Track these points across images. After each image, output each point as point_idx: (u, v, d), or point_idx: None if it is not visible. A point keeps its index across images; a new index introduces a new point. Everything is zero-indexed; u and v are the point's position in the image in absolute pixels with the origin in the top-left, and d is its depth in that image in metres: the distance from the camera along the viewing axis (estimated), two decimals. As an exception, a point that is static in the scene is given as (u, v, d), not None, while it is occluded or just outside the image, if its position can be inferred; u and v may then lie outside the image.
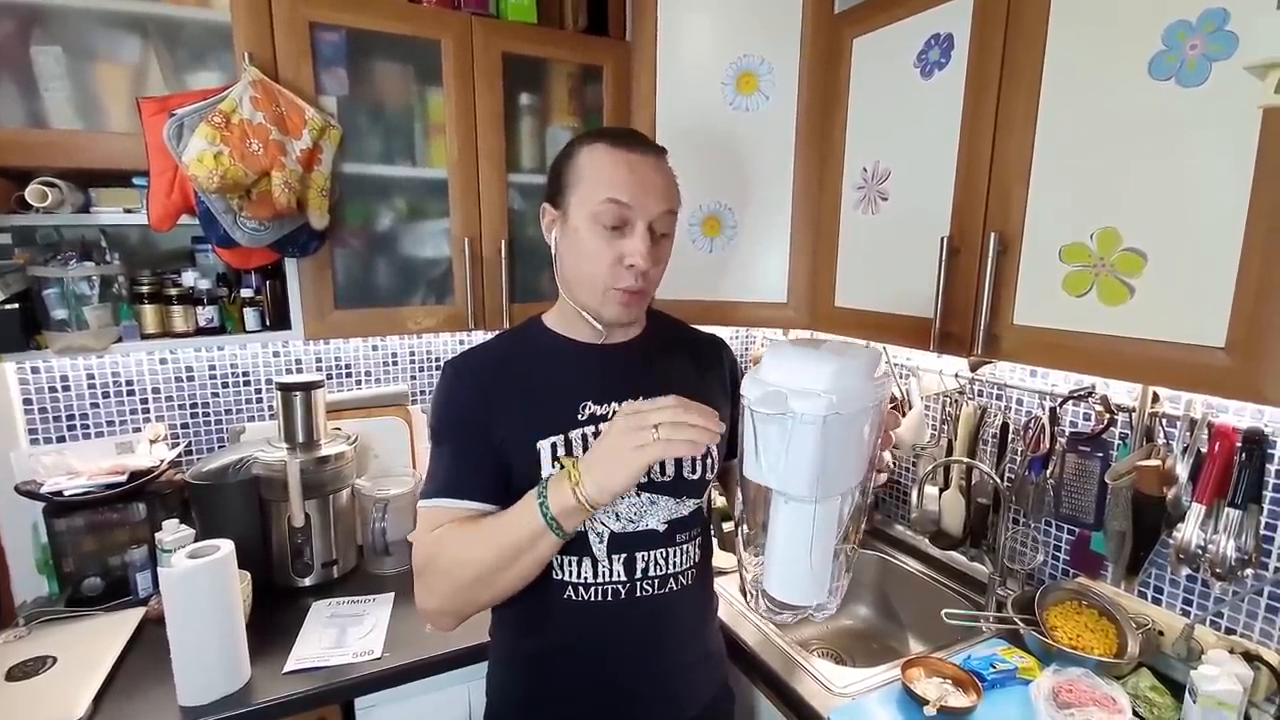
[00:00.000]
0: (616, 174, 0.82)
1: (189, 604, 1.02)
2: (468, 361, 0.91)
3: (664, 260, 0.88)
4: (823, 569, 0.66)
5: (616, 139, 0.85)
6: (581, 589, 0.87)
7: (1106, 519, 1.16)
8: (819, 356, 0.61)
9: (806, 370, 0.60)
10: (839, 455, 0.60)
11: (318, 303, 1.34)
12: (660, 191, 0.84)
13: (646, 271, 0.84)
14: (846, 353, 0.62)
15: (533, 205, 1.51)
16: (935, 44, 1.12)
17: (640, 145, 0.86)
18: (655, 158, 0.86)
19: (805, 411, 0.57)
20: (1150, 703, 1.02)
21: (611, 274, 0.84)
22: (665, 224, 0.86)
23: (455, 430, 0.87)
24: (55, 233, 1.28)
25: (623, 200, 0.81)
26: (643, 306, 0.91)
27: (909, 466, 1.67)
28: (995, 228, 1.02)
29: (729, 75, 1.42)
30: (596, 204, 0.82)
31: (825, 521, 0.64)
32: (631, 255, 0.82)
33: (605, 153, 0.84)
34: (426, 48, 1.35)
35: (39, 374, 1.39)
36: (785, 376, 0.61)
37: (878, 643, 1.51)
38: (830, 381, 0.58)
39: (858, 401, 0.59)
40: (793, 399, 0.58)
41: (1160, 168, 0.84)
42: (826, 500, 0.63)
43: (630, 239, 0.83)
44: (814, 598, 0.67)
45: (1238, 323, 0.78)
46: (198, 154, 1.07)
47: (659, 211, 0.84)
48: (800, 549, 0.65)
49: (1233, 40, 0.75)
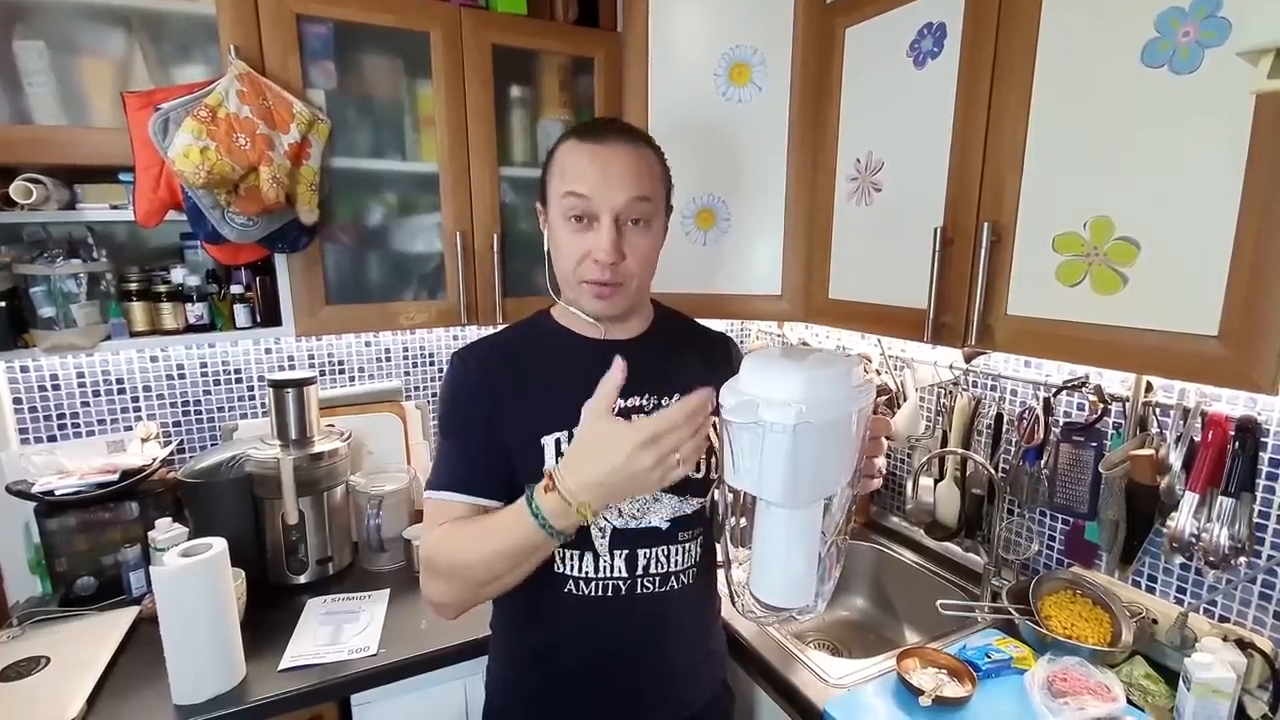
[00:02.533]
0: (577, 166, 0.82)
1: (182, 603, 1.01)
2: (475, 353, 0.91)
3: (643, 250, 0.85)
4: (806, 572, 0.66)
5: (583, 132, 0.84)
6: (582, 583, 0.87)
7: (1100, 508, 1.16)
8: (791, 366, 0.61)
9: (778, 379, 0.60)
10: (814, 463, 0.60)
11: (309, 299, 1.33)
12: (625, 179, 0.81)
13: (615, 264, 0.82)
14: (823, 362, 0.62)
15: (524, 199, 1.51)
16: (928, 33, 1.11)
17: (606, 135, 0.83)
18: (623, 144, 0.83)
19: (775, 420, 0.58)
20: (1145, 691, 1.03)
21: (581, 268, 0.84)
22: (637, 211, 0.83)
23: (461, 423, 0.88)
24: (41, 230, 1.27)
25: (581, 192, 0.81)
26: (625, 299, 0.88)
27: (904, 458, 1.67)
28: (988, 218, 1.02)
29: (721, 66, 1.41)
30: (560, 198, 0.83)
31: (806, 526, 0.64)
32: (595, 250, 0.82)
33: (571, 147, 0.84)
34: (415, 40, 1.34)
35: (28, 373, 1.38)
36: (759, 385, 0.61)
37: (873, 634, 1.51)
38: (801, 391, 0.58)
39: (830, 410, 0.59)
40: (763, 408, 0.58)
41: (1153, 155, 0.83)
42: (808, 506, 0.63)
43: (595, 233, 0.82)
44: (797, 600, 0.67)
45: (1231, 311, 0.77)
46: (184, 149, 1.06)
47: (624, 199, 0.81)
48: (782, 553, 0.65)
49: (1225, 26, 0.75)
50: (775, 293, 1.48)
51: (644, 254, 0.86)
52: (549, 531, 0.71)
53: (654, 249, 0.88)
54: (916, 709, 1.00)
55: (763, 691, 1.18)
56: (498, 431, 0.85)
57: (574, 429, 0.84)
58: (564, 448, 0.84)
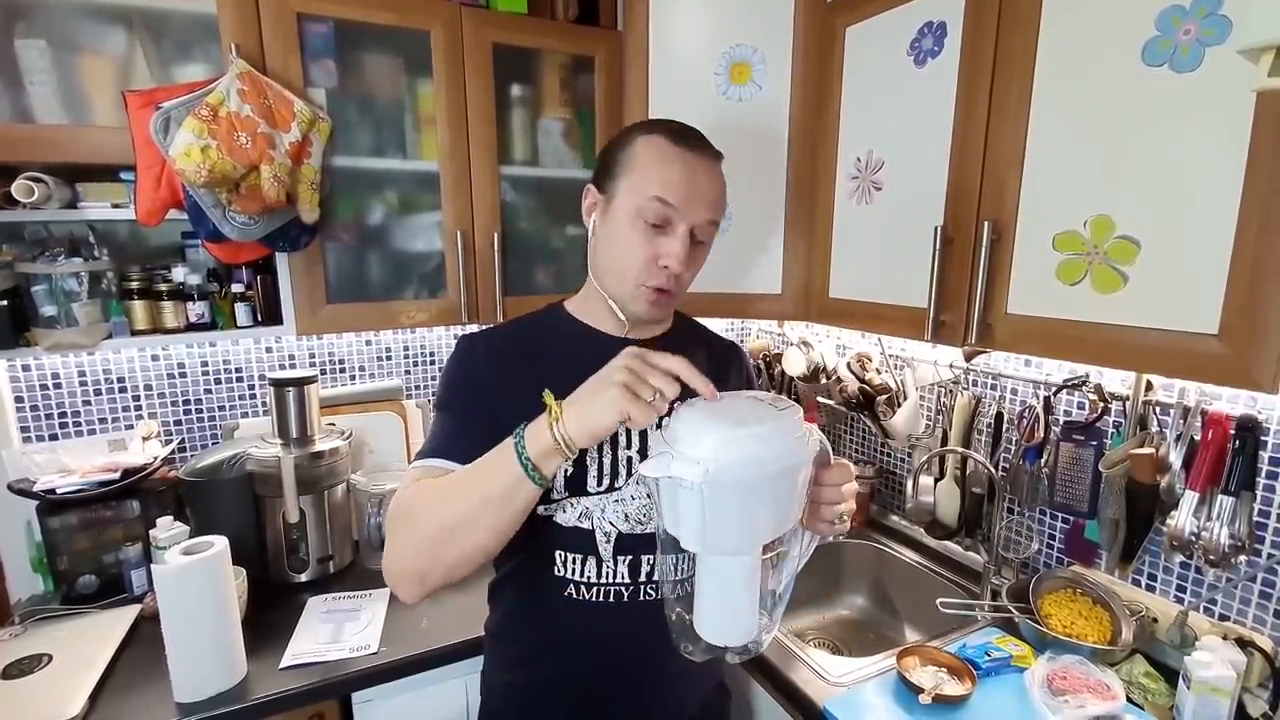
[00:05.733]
0: (670, 172, 0.80)
1: (184, 601, 1.02)
2: (486, 338, 0.90)
3: (698, 265, 0.87)
4: (747, 611, 0.66)
5: (677, 135, 0.83)
6: (584, 588, 0.85)
7: (1100, 507, 1.16)
8: (709, 423, 0.60)
9: (693, 436, 0.60)
10: (733, 515, 0.60)
11: (309, 298, 1.33)
12: (709, 200, 0.82)
13: (680, 275, 0.83)
14: (750, 419, 0.61)
15: (525, 198, 1.51)
16: (928, 32, 1.11)
17: (699, 147, 0.83)
18: (711, 161, 0.84)
19: (682, 476, 0.58)
20: (1144, 689, 1.03)
21: (645, 271, 0.82)
22: (706, 232, 0.84)
23: (460, 398, 0.85)
24: (43, 229, 1.27)
25: (670, 201, 0.80)
26: (670, 307, 0.89)
27: (904, 457, 1.67)
28: (989, 216, 1.02)
29: (721, 65, 1.41)
30: (643, 198, 0.80)
31: (742, 569, 0.65)
32: (667, 256, 0.81)
33: (663, 147, 0.82)
34: (416, 39, 1.34)
35: (29, 371, 1.38)
36: (679, 438, 0.61)
37: (874, 632, 1.51)
38: (709, 451, 0.58)
39: (747, 469, 0.58)
40: (675, 463, 0.58)
41: (1154, 154, 0.83)
42: (737, 554, 0.64)
43: (669, 239, 0.81)
44: (736, 639, 0.67)
45: (1231, 310, 0.77)
46: (185, 148, 1.06)
47: (705, 219, 0.82)
48: (717, 593, 0.66)
49: (1226, 24, 0.75)
50: (775, 292, 1.48)
51: (698, 268, 0.87)
52: (523, 462, 0.65)
53: (702, 265, 0.89)
54: (916, 707, 1.00)
55: (762, 690, 1.18)
56: (501, 413, 0.77)
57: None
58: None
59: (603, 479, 0.84)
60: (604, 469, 0.84)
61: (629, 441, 0.86)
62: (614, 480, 0.84)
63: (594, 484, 0.84)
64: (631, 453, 0.85)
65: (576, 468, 0.83)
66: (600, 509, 0.84)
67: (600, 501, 0.84)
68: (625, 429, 0.85)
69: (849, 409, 1.66)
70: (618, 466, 0.85)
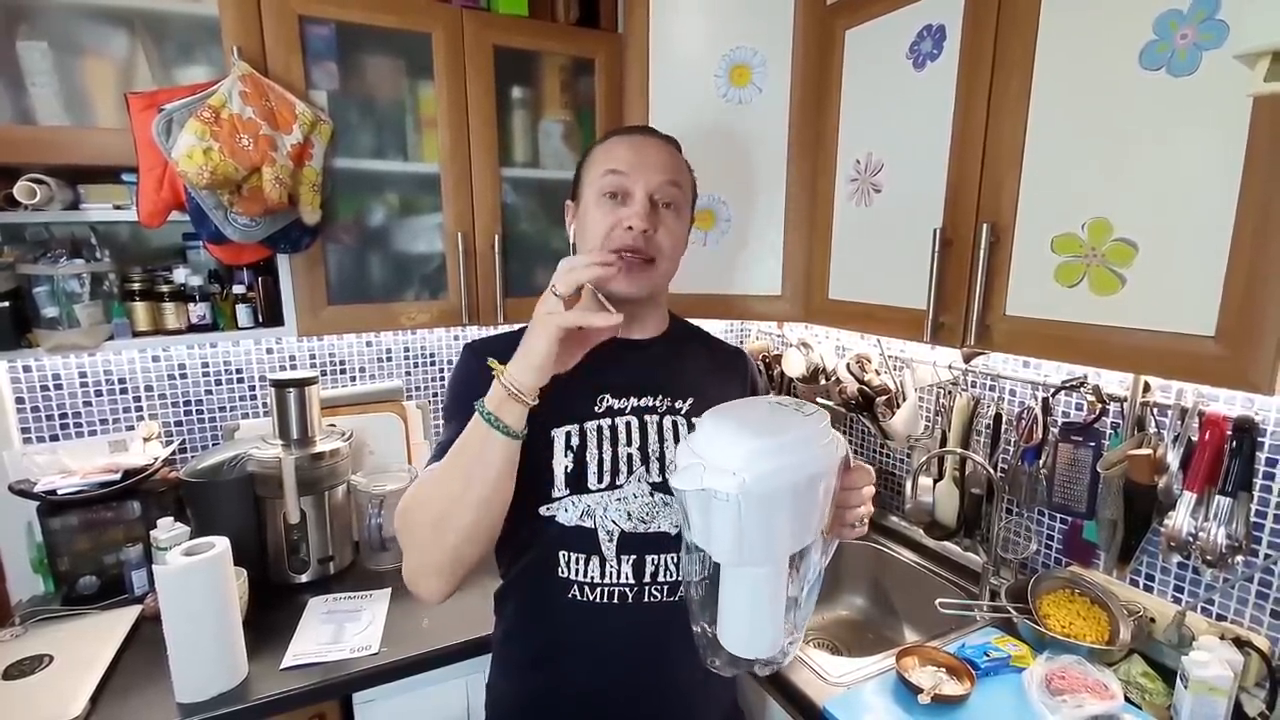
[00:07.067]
0: (618, 149, 0.88)
1: (185, 601, 1.02)
2: (488, 345, 0.90)
3: (672, 232, 0.88)
4: (771, 623, 0.65)
5: (626, 130, 0.93)
6: (587, 589, 0.84)
7: (1098, 508, 1.17)
8: (743, 433, 0.59)
9: (725, 447, 0.59)
10: (765, 526, 0.59)
11: (310, 299, 1.33)
12: (660, 163, 0.87)
13: (647, 234, 0.84)
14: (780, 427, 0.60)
15: (526, 200, 1.51)
16: (927, 35, 1.12)
17: (646, 131, 0.92)
18: (660, 139, 0.91)
19: (718, 489, 0.57)
20: (1142, 689, 1.04)
21: (610, 237, 0.84)
22: (669, 194, 0.87)
23: (463, 406, 0.84)
24: (45, 230, 1.27)
25: (619, 169, 0.85)
26: (650, 281, 0.88)
27: (903, 458, 1.68)
28: (987, 219, 1.02)
29: (721, 67, 1.41)
30: (598, 178, 0.86)
31: (769, 581, 0.64)
32: (628, 217, 0.84)
33: (612, 140, 0.90)
34: (417, 41, 1.34)
35: (30, 372, 1.38)
36: (709, 448, 0.60)
37: (873, 633, 1.52)
38: (743, 461, 0.57)
39: (779, 477, 0.57)
40: (708, 475, 0.58)
41: (1151, 158, 0.84)
42: (765, 564, 0.63)
43: (628, 207, 0.85)
44: (763, 651, 0.66)
45: (1228, 312, 0.78)
46: (187, 150, 1.06)
47: (659, 180, 0.86)
48: (746, 606, 0.65)
49: (1223, 29, 0.75)
50: (775, 293, 1.48)
51: (674, 233, 0.89)
52: (485, 416, 0.71)
53: (682, 234, 0.91)
54: (915, 707, 1.00)
55: (763, 689, 1.18)
56: None
57: (585, 423, 0.85)
58: (573, 441, 0.84)
59: (603, 475, 0.84)
60: (604, 465, 0.84)
61: (629, 439, 0.86)
62: (615, 477, 0.84)
63: (594, 481, 0.84)
64: (632, 450, 0.85)
65: (576, 464, 0.84)
66: (602, 507, 0.84)
67: (602, 499, 0.84)
68: (625, 429, 0.86)
69: (848, 410, 1.66)
70: (618, 463, 0.85)
